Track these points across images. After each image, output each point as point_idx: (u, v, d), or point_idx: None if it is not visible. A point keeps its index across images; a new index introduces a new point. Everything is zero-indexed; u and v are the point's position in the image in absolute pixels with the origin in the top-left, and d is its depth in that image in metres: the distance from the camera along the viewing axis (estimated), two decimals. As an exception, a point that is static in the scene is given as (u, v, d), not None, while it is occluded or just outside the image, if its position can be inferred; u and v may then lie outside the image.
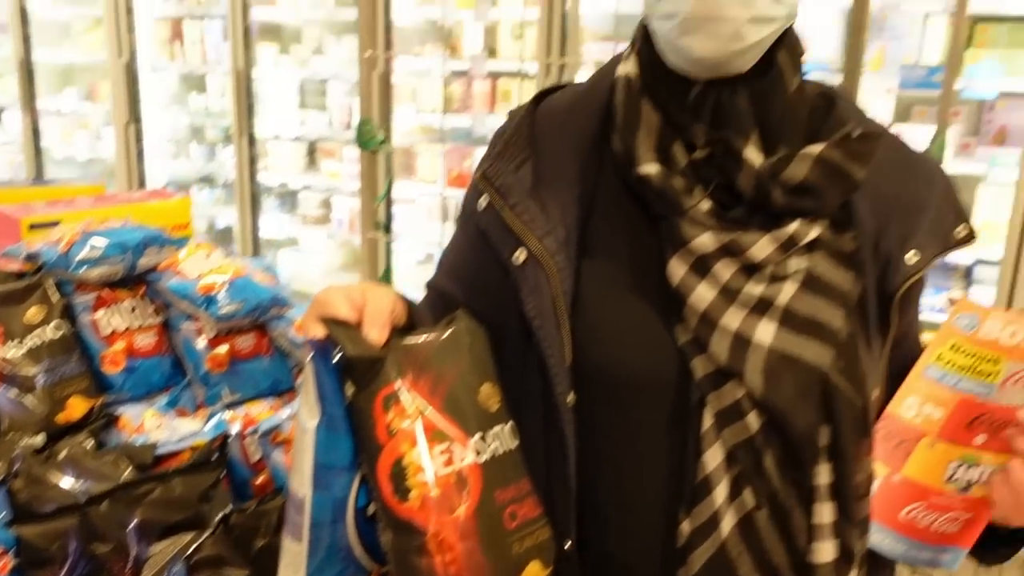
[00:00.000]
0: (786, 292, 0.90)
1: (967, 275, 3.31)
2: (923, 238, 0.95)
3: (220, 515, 1.25)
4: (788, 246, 0.90)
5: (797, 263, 0.92)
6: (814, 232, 0.91)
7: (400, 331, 0.95)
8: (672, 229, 0.91)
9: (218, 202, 5.29)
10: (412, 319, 0.99)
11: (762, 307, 0.89)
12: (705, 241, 0.90)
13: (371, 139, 1.77)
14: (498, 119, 4.20)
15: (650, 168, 0.92)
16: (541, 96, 1.05)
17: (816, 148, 0.89)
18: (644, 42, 0.96)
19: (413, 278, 4.59)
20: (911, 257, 0.94)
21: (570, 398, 0.94)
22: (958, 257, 3.21)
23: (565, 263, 0.94)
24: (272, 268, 1.84)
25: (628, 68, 0.96)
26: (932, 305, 3.32)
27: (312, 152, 4.95)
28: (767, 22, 0.86)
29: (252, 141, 4.73)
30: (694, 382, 0.91)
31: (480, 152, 4.20)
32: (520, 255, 0.95)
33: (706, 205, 0.91)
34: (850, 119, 0.95)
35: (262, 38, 4.72)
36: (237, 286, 1.61)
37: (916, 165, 1.00)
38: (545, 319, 0.94)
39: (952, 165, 3.06)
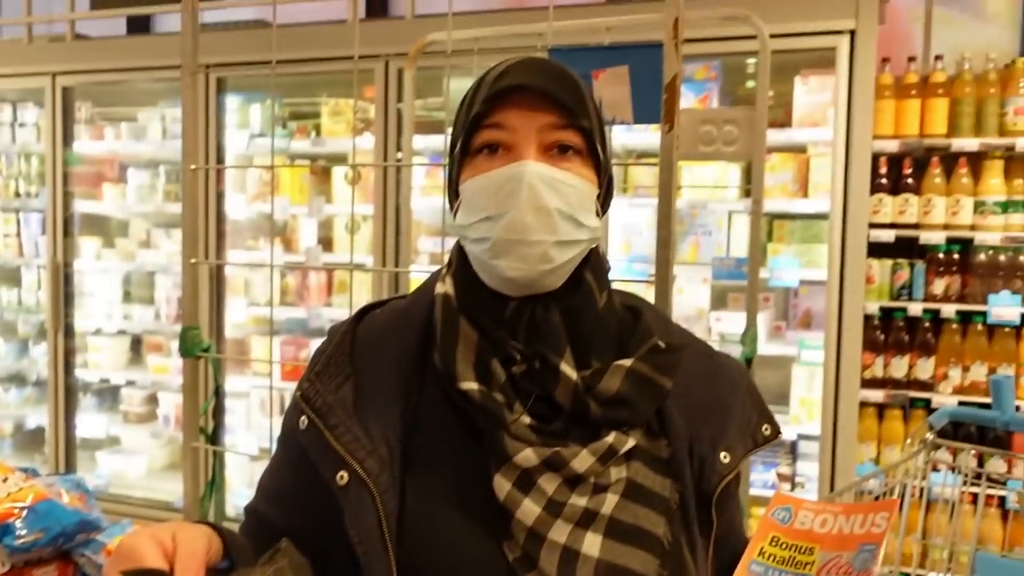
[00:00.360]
0: (609, 502, 0.91)
1: (792, 450, 3.47)
2: (733, 439, 1.01)
3: None
4: (607, 457, 0.92)
5: (617, 472, 0.94)
6: (631, 442, 0.95)
7: (218, 572, 0.87)
8: (495, 444, 0.92)
9: (28, 401, 4.90)
10: (231, 554, 0.91)
11: (587, 519, 0.90)
12: (528, 456, 0.90)
13: (195, 345, 1.70)
14: (334, 311, 4.23)
15: (470, 384, 0.93)
16: (362, 313, 1.07)
17: (627, 362, 0.95)
18: (460, 261, 1.00)
19: (246, 476, 4.37)
20: (724, 457, 0.99)
21: None
22: (783, 433, 3.37)
23: (389, 483, 0.93)
24: (83, 485, 1.68)
25: (446, 287, 1.00)
26: (764, 481, 3.44)
27: (137, 346, 4.73)
28: (572, 244, 0.94)
29: (71, 335, 4.51)
30: None
31: (315, 343, 4.12)
32: (343, 477, 0.93)
33: (526, 419, 0.92)
34: (655, 331, 1.01)
35: (85, 231, 4.58)
36: (39, 512, 1.46)
37: (721, 371, 1.06)
38: (371, 544, 0.92)
39: (766, 348, 3.28)
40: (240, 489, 4.26)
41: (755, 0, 3.06)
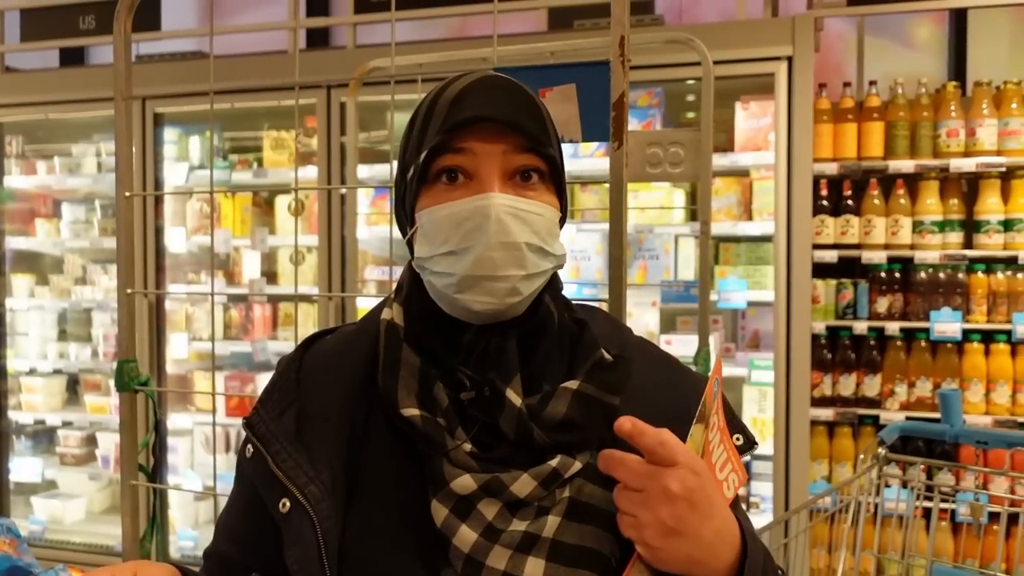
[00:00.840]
0: (551, 525, 0.87)
1: (746, 470, 3.47)
2: None
3: None
4: (551, 481, 0.88)
5: (560, 492, 0.90)
6: (577, 465, 0.90)
7: None
8: (434, 470, 0.89)
9: (-42, 447, 4.69)
10: None
11: (528, 543, 0.86)
12: (466, 482, 0.88)
13: (132, 379, 1.64)
14: (280, 344, 4.14)
15: (411, 411, 0.91)
16: (310, 341, 1.05)
17: (573, 384, 0.91)
18: (413, 287, 0.97)
19: (190, 516, 4.23)
20: None
21: None
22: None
23: (331, 510, 0.91)
24: (14, 530, 1.59)
25: (392, 312, 0.98)
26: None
27: (74, 385, 4.57)
28: (540, 275, 0.92)
29: (3, 376, 4.35)
30: None
31: (262, 378, 4.03)
32: (284, 504, 0.92)
33: (467, 446, 0.90)
34: (606, 341, 0.98)
35: (17, 268, 4.44)
36: (-37, 560, 1.37)
37: (682, 378, 1.03)
38: (309, 571, 0.90)
39: (716, 369, 3.28)
40: (184, 530, 4.12)
41: (695, 28, 3.10)
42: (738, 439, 0.97)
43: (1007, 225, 3.28)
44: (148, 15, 3.99)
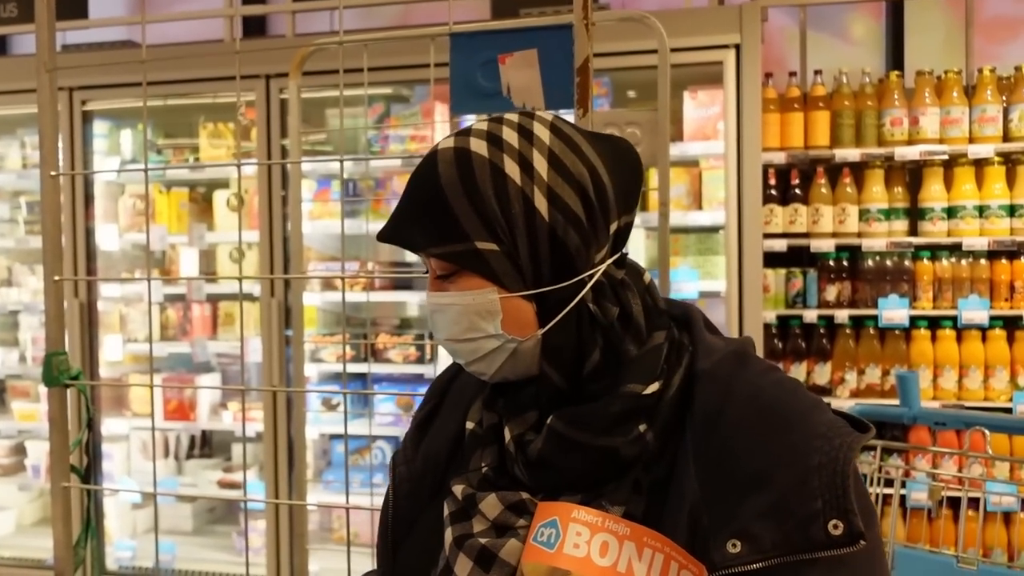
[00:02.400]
0: (512, 548, 0.86)
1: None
2: (756, 523, 0.79)
3: None
4: (518, 510, 0.88)
5: None
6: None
7: None
8: (454, 477, 0.96)
9: None
10: None
11: (485, 560, 0.86)
12: (457, 491, 0.92)
13: (62, 372, 1.52)
14: (220, 345, 3.99)
15: (470, 423, 0.98)
16: None
17: (550, 418, 0.89)
18: None
19: (128, 525, 4.06)
20: (732, 546, 0.79)
21: None
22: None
23: (408, 493, 1.01)
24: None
25: None
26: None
27: (0, 393, 4.36)
28: (494, 353, 0.91)
29: (-77, 385, 4.13)
30: None
31: (203, 380, 3.83)
32: (389, 477, 1.04)
33: (485, 469, 0.92)
34: (634, 376, 0.88)
35: (-64, 269, 4.21)
36: None
37: (780, 429, 0.83)
38: (380, 540, 1.03)
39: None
40: (121, 540, 3.95)
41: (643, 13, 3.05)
42: (835, 526, 0.77)
43: (950, 212, 3.32)
44: (75, 2, 3.81)
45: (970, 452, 2.01)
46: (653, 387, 0.87)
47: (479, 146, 0.89)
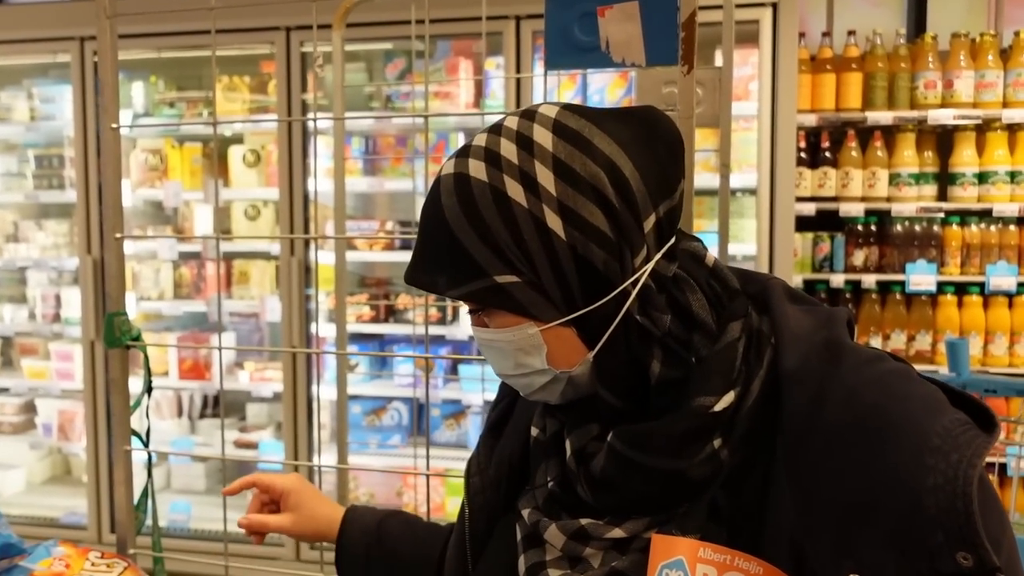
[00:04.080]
0: None
1: None
2: (873, 555, 0.68)
3: None
4: (584, 539, 0.81)
5: (617, 557, 0.79)
6: (618, 532, 0.79)
7: None
8: (524, 494, 0.90)
9: None
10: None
11: None
12: (524, 513, 0.87)
13: (124, 334, 1.48)
14: (235, 304, 3.93)
15: (535, 429, 0.91)
16: None
17: (610, 435, 0.80)
18: None
19: (139, 487, 4.02)
20: None
21: None
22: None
23: (483, 505, 0.94)
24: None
25: None
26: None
27: (6, 350, 4.30)
28: (552, 384, 0.83)
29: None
30: None
31: (217, 339, 3.77)
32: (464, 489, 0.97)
33: (551, 484, 0.86)
34: (704, 387, 0.77)
35: (-57, 224, 4.12)
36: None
37: (877, 437, 0.70)
38: (452, 554, 0.96)
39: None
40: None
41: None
42: (965, 559, 0.65)
43: (981, 178, 3.30)
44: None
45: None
46: (728, 399, 0.75)
47: (477, 169, 0.79)
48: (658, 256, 0.80)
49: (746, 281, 0.84)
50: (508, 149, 0.79)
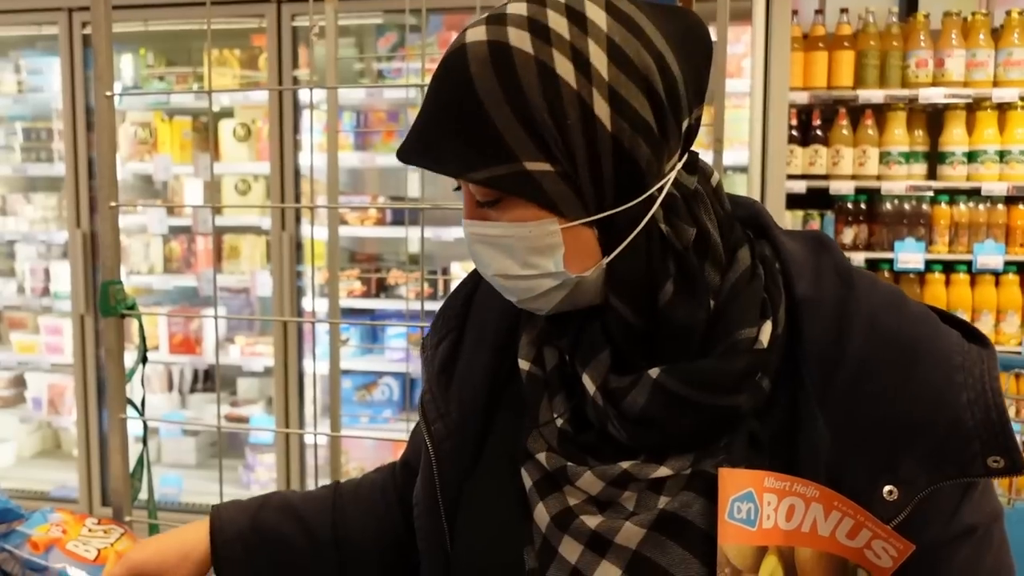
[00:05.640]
0: (630, 533, 0.74)
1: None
2: (912, 469, 0.71)
3: None
4: (622, 483, 0.76)
5: (655, 499, 0.76)
6: (663, 471, 0.76)
7: None
8: (527, 434, 0.83)
9: None
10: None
11: (600, 545, 0.75)
12: (542, 459, 0.80)
13: (119, 303, 1.48)
14: (226, 278, 3.93)
15: (524, 363, 0.84)
16: None
17: (655, 372, 0.75)
18: None
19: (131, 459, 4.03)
20: (888, 494, 0.71)
21: None
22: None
23: (451, 450, 0.88)
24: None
25: None
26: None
27: (-4, 324, 4.29)
28: (554, 290, 0.77)
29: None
30: None
31: (208, 313, 3.78)
32: (424, 439, 0.90)
33: (560, 422, 0.80)
34: (741, 319, 0.76)
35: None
36: (-53, 500, 1.22)
37: (923, 371, 0.73)
38: (423, 506, 0.90)
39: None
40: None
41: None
42: (995, 462, 0.70)
43: (971, 157, 3.31)
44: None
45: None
46: (767, 329, 0.75)
47: (520, 39, 0.71)
48: (683, 162, 0.76)
49: (734, 205, 0.82)
50: (558, 22, 0.71)
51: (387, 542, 1.04)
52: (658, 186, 0.74)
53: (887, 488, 0.71)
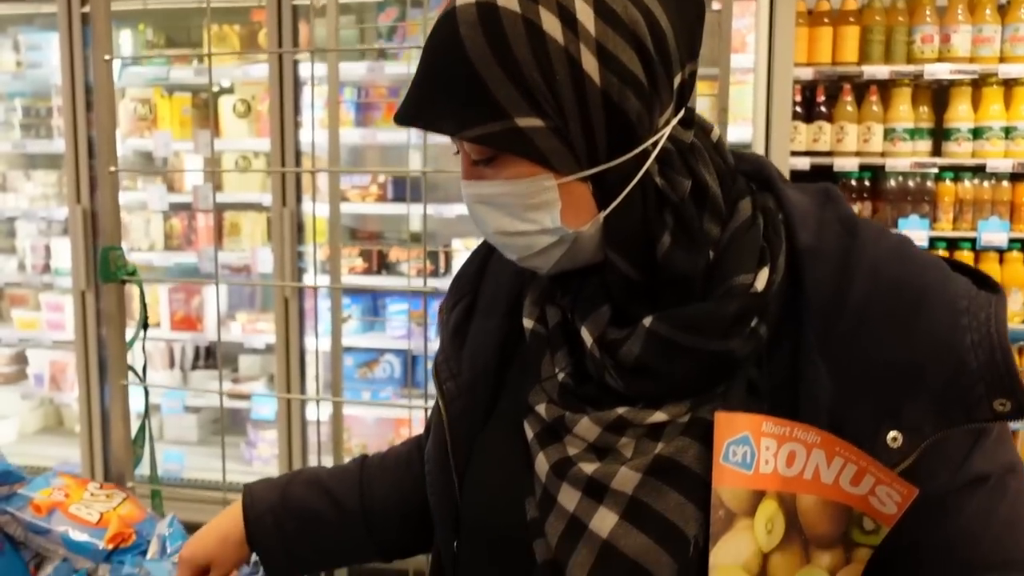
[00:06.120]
0: (625, 477, 0.75)
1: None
2: (916, 414, 0.71)
3: None
4: (618, 428, 0.77)
5: (652, 444, 0.76)
6: (659, 416, 0.76)
7: None
8: (530, 389, 0.85)
9: None
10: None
11: (596, 490, 0.76)
12: (541, 411, 0.82)
13: (120, 268, 1.47)
14: (227, 255, 3.92)
15: (528, 321, 0.87)
16: None
17: (648, 320, 0.76)
18: None
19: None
20: (892, 440, 0.71)
21: (453, 544, 0.92)
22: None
23: (463, 408, 0.91)
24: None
25: None
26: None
27: (-2, 301, 4.29)
28: (551, 248, 0.78)
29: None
30: (535, 568, 0.80)
31: (209, 290, 3.77)
32: (437, 397, 0.94)
33: (561, 376, 0.82)
34: (737, 265, 0.77)
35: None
36: (-52, 462, 1.22)
37: (925, 312, 0.73)
38: (433, 464, 0.93)
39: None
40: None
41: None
42: (1002, 405, 0.70)
43: (976, 133, 3.29)
44: None
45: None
46: (763, 276, 0.76)
47: None
48: (679, 116, 0.77)
49: (739, 160, 0.84)
50: None
51: (414, 511, 1.07)
52: (652, 140, 0.75)
53: (891, 434, 0.71)
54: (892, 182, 3.35)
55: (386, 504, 1.09)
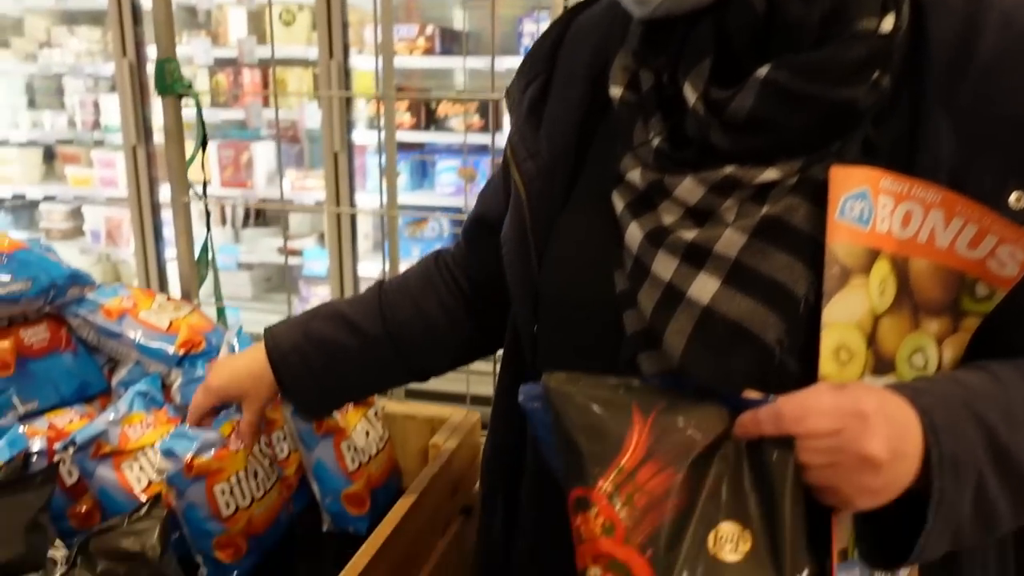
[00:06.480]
0: (729, 240, 0.72)
1: None
2: None
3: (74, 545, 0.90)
4: (725, 188, 0.73)
5: (757, 207, 0.72)
6: (771, 174, 0.71)
7: None
8: (619, 159, 0.81)
9: (-70, 225, 4.47)
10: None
11: (697, 256, 0.72)
12: (634, 177, 0.78)
13: (176, 81, 1.44)
14: (272, 111, 3.87)
15: (616, 90, 0.81)
16: (580, 6, 0.94)
17: (763, 71, 0.70)
18: None
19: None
20: (1016, 199, 0.68)
21: (533, 326, 0.90)
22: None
23: (543, 188, 0.87)
24: (51, 247, 1.45)
25: None
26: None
27: (50, 158, 4.31)
28: None
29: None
30: (625, 340, 0.78)
31: (258, 147, 3.75)
32: (513, 178, 0.90)
33: (657, 141, 0.77)
34: (863, 7, 0.70)
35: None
36: (19, 260, 1.23)
37: None
38: (512, 244, 0.91)
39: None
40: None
41: None
42: (1019, 198, 0.69)
43: None
44: None
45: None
46: (888, 21, 0.70)
47: None
48: None
49: None
50: None
51: (439, 328, 1.08)
52: None
53: (1015, 194, 0.68)
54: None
55: (412, 325, 1.08)
